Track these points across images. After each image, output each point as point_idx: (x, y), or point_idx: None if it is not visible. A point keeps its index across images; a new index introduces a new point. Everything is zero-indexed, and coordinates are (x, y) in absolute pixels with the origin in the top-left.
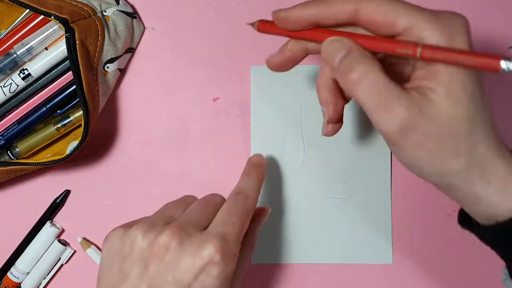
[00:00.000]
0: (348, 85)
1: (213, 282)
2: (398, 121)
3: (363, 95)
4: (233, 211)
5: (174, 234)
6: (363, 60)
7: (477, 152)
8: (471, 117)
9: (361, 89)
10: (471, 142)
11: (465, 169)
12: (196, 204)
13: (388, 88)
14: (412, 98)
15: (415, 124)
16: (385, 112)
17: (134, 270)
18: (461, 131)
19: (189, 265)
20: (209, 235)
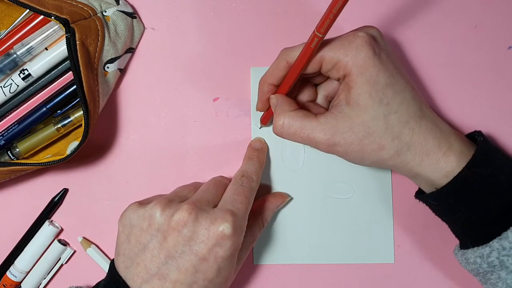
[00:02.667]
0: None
1: (225, 253)
2: (321, 143)
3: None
4: (240, 191)
5: (190, 210)
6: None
7: (401, 140)
8: (384, 115)
9: (285, 135)
10: (392, 134)
11: (395, 155)
12: (208, 185)
13: (302, 127)
14: (326, 122)
15: (335, 141)
16: (309, 142)
17: (153, 241)
18: (377, 129)
19: (204, 238)
20: (221, 211)
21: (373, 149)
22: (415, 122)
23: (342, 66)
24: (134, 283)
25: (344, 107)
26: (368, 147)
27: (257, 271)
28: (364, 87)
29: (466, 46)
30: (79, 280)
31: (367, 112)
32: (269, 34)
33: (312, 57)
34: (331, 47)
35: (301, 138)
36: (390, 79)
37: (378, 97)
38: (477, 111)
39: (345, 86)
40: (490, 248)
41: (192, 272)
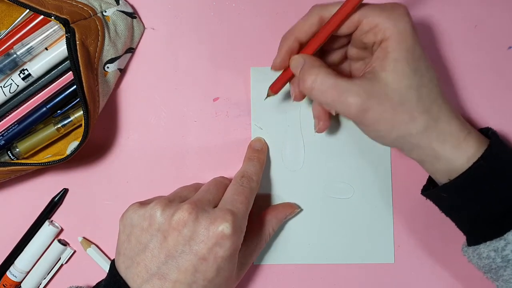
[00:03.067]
0: (306, 92)
1: (224, 253)
2: (353, 106)
3: (317, 97)
4: (240, 191)
5: (190, 210)
6: (310, 70)
7: (430, 115)
8: (417, 86)
9: (315, 93)
10: (423, 107)
11: (423, 130)
12: (208, 185)
13: (336, 85)
14: (361, 85)
15: (368, 105)
16: (340, 104)
17: (153, 240)
18: (411, 98)
19: (204, 237)
20: (221, 211)
21: (404, 120)
22: (441, 101)
23: (381, 30)
24: (134, 282)
25: (379, 72)
26: (400, 116)
27: (257, 271)
28: (403, 53)
29: (466, 46)
30: (79, 280)
31: (403, 79)
32: (269, 34)
33: (349, 16)
34: (370, 10)
35: (331, 98)
36: (423, 54)
37: (414, 67)
38: (477, 111)
39: (381, 52)
40: (505, 241)
41: (192, 272)
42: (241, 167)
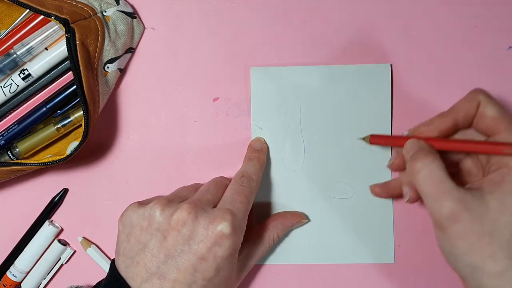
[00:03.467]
0: (412, 171)
1: (224, 253)
2: (446, 210)
3: (421, 181)
4: (240, 191)
5: (190, 209)
6: (427, 155)
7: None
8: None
9: (420, 177)
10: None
11: (499, 274)
12: (208, 185)
13: (442, 181)
14: (465, 195)
15: (461, 216)
16: (436, 201)
17: (152, 240)
18: (502, 236)
19: (203, 237)
20: (221, 211)
21: (484, 252)
22: None
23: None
24: (134, 282)
25: (486, 194)
26: (483, 247)
27: (257, 271)
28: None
29: (466, 46)
30: (79, 280)
31: (505, 214)
32: (269, 34)
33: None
34: None
35: (430, 190)
36: None
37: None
38: None
39: (497, 176)
40: None
41: (191, 271)
42: (241, 167)
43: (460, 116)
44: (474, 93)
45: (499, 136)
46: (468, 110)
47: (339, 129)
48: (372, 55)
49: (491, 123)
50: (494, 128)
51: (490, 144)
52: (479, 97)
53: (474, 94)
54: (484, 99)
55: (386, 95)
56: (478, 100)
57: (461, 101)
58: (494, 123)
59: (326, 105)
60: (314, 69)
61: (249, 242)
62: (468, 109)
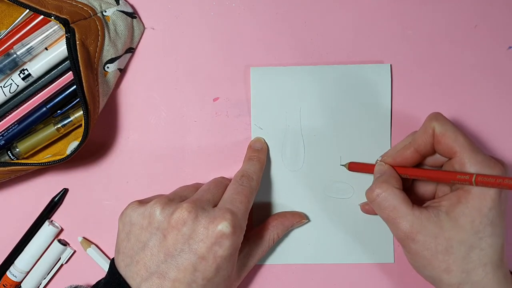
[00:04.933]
0: (368, 200)
1: (224, 253)
2: (401, 233)
3: (375, 209)
4: (240, 190)
5: (190, 209)
6: (381, 185)
7: (470, 276)
8: (470, 246)
9: (375, 204)
10: (465, 266)
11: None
12: (208, 185)
13: (396, 207)
14: (419, 217)
15: (415, 237)
16: (393, 225)
17: (152, 239)
18: (457, 253)
19: (203, 236)
20: (221, 210)
21: (439, 267)
22: (491, 268)
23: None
24: (134, 281)
25: (442, 214)
26: (438, 262)
27: (257, 271)
28: (473, 212)
29: (466, 46)
30: (79, 280)
31: (459, 233)
32: (269, 34)
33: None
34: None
35: (386, 215)
36: (496, 220)
37: (476, 228)
38: (477, 111)
39: (454, 198)
40: None
41: (191, 271)
42: (241, 167)
43: (420, 147)
44: (428, 121)
45: (455, 159)
46: (426, 140)
47: (339, 129)
48: (372, 55)
49: (446, 149)
50: (450, 152)
51: (443, 173)
52: (433, 125)
53: (429, 122)
54: (438, 126)
55: (386, 95)
56: (433, 128)
57: (419, 131)
58: (449, 148)
59: (326, 105)
60: (314, 69)
61: (249, 242)
62: (426, 140)
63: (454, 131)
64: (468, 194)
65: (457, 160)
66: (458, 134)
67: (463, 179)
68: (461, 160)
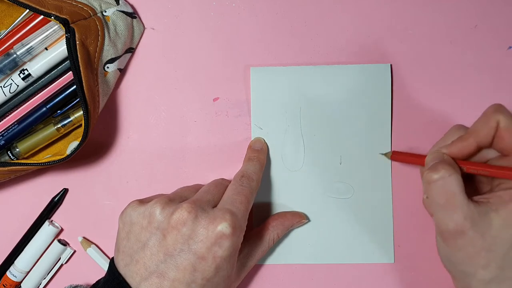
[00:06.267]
0: (428, 180)
1: (223, 253)
2: (454, 224)
3: (434, 191)
4: (240, 191)
5: (190, 209)
6: (447, 167)
7: (504, 273)
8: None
9: (435, 187)
10: (502, 263)
11: (487, 281)
12: (209, 186)
13: (456, 195)
14: (473, 211)
15: (466, 232)
16: (446, 213)
17: (152, 239)
18: (499, 251)
19: (203, 237)
20: (221, 211)
21: (479, 263)
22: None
23: None
24: (133, 280)
25: (492, 211)
26: (479, 259)
27: (257, 271)
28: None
29: (466, 46)
30: (79, 280)
31: (506, 232)
32: (269, 34)
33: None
34: None
35: (443, 202)
36: None
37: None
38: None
39: (506, 195)
40: None
41: (190, 271)
42: (241, 167)
43: (481, 139)
44: (492, 112)
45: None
46: (487, 133)
47: (339, 129)
48: (372, 55)
49: (509, 145)
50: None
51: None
52: (498, 118)
53: (493, 114)
54: (504, 119)
55: (386, 95)
56: (497, 121)
57: (480, 122)
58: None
59: (326, 105)
60: (314, 69)
61: (249, 242)
62: (488, 132)
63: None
64: None
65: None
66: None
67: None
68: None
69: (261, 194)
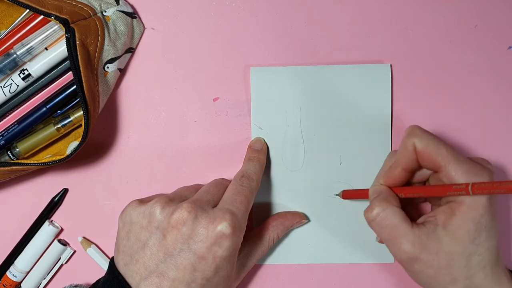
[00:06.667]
0: (368, 220)
1: (223, 253)
2: (404, 254)
3: (376, 228)
4: (240, 191)
5: (190, 209)
6: (381, 203)
7: (473, 281)
8: (469, 254)
9: (375, 224)
10: (467, 273)
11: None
12: (209, 186)
13: (397, 226)
14: (419, 235)
15: (418, 257)
16: (395, 245)
17: (152, 238)
18: (458, 264)
19: (203, 237)
20: (221, 211)
21: (444, 281)
22: (490, 269)
23: None
24: (133, 280)
25: (439, 229)
26: (442, 276)
27: (257, 271)
28: (467, 222)
29: (466, 46)
30: (79, 280)
31: (458, 246)
32: (269, 34)
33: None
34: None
35: (387, 237)
36: (489, 223)
37: (473, 236)
38: (477, 111)
39: (448, 209)
40: None
41: (190, 270)
42: (241, 167)
43: (407, 165)
44: (407, 137)
45: (442, 173)
46: (409, 157)
47: (339, 129)
48: (372, 55)
49: (431, 163)
50: (435, 167)
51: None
52: (412, 141)
53: (407, 138)
54: (418, 141)
55: (386, 95)
56: (413, 144)
57: (400, 149)
58: (433, 162)
59: (326, 105)
60: (314, 69)
61: (249, 242)
62: (409, 157)
63: (435, 144)
64: (461, 205)
65: (444, 174)
66: (440, 146)
67: (459, 189)
68: (448, 173)
69: (261, 194)
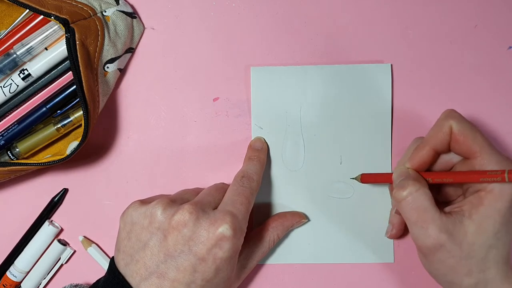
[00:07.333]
0: (397, 198)
1: (224, 255)
2: (431, 240)
3: (406, 209)
4: (240, 192)
5: (191, 210)
6: (413, 183)
7: (485, 275)
8: (489, 247)
9: (405, 204)
10: (483, 266)
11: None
12: (210, 188)
13: (427, 209)
14: (446, 222)
15: (443, 245)
16: (421, 229)
17: (153, 239)
18: (478, 256)
19: (203, 238)
20: (222, 212)
21: (462, 271)
22: (502, 265)
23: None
24: (133, 280)
25: (466, 218)
26: (461, 268)
27: (257, 271)
28: (494, 213)
29: (466, 46)
30: (79, 280)
31: (482, 237)
32: (269, 34)
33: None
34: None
35: (415, 219)
36: (510, 217)
37: (497, 229)
38: (477, 111)
39: (476, 199)
40: None
41: (190, 271)
42: (242, 167)
43: (437, 146)
44: (445, 118)
45: (475, 160)
46: (442, 139)
47: (339, 129)
48: (372, 55)
49: (465, 149)
50: (469, 153)
51: (471, 173)
52: (450, 123)
53: (445, 120)
54: (456, 124)
55: (386, 95)
56: (450, 126)
57: (434, 129)
58: (468, 148)
59: (326, 105)
60: (314, 69)
61: (250, 243)
62: (442, 138)
63: (472, 129)
64: (489, 194)
65: (477, 161)
66: (477, 133)
67: (495, 175)
68: (481, 161)
69: (261, 194)
